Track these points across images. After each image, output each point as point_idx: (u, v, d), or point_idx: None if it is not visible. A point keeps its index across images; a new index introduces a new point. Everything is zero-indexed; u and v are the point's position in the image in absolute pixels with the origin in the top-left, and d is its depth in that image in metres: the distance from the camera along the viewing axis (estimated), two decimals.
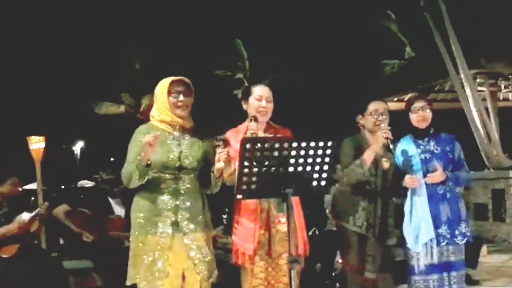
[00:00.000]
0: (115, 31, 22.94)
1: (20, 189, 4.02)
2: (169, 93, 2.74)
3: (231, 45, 23.28)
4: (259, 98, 3.02)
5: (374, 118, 3.29)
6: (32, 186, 9.50)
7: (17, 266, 3.69)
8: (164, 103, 2.75)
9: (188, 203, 2.70)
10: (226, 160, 2.67)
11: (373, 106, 3.34)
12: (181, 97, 2.75)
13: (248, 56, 23.40)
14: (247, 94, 3.08)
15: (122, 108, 22.66)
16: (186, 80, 2.79)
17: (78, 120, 22.50)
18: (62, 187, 17.35)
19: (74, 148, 27.37)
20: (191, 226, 2.69)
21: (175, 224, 2.67)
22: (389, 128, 3.18)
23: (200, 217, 2.74)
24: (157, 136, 2.57)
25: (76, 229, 4.39)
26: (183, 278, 2.65)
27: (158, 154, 2.65)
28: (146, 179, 2.64)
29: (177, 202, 2.68)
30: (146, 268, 2.62)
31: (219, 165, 2.67)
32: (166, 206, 2.67)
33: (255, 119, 2.94)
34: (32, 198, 4.05)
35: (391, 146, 3.15)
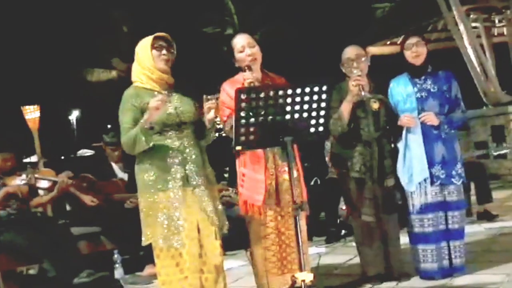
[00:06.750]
0: None
1: (10, 164, 3.97)
2: (152, 46, 2.74)
3: (218, 1, 22.73)
4: (242, 49, 2.98)
5: (349, 66, 3.25)
6: (32, 159, 9.51)
7: (25, 235, 3.72)
8: (148, 57, 2.74)
9: (194, 156, 2.74)
10: (215, 108, 2.66)
11: (345, 54, 3.31)
12: (164, 51, 2.75)
13: (236, 11, 22.90)
14: (232, 50, 3.03)
15: (114, 73, 22.36)
16: (168, 37, 2.78)
17: (71, 89, 22.20)
18: (62, 157, 17.39)
19: (70, 117, 27.23)
20: (199, 179, 2.73)
21: (185, 178, 2.70)
22: (359, 74, 3.10)
23: (205, 170, 2.78)
24: (164, 99, 2.55)
25: (81, 195, 4.43)
26: (198, 230, 2.69)
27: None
28: (152, 143, 2.63)
29: (184, 156, 2.71)
30: (161, 225, 2.65)
31: (209, 115, 2.67)
32: (174, 161, 2.69)
33: (249, 68, 2.90)
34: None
35: (362, 94, 3.05)
